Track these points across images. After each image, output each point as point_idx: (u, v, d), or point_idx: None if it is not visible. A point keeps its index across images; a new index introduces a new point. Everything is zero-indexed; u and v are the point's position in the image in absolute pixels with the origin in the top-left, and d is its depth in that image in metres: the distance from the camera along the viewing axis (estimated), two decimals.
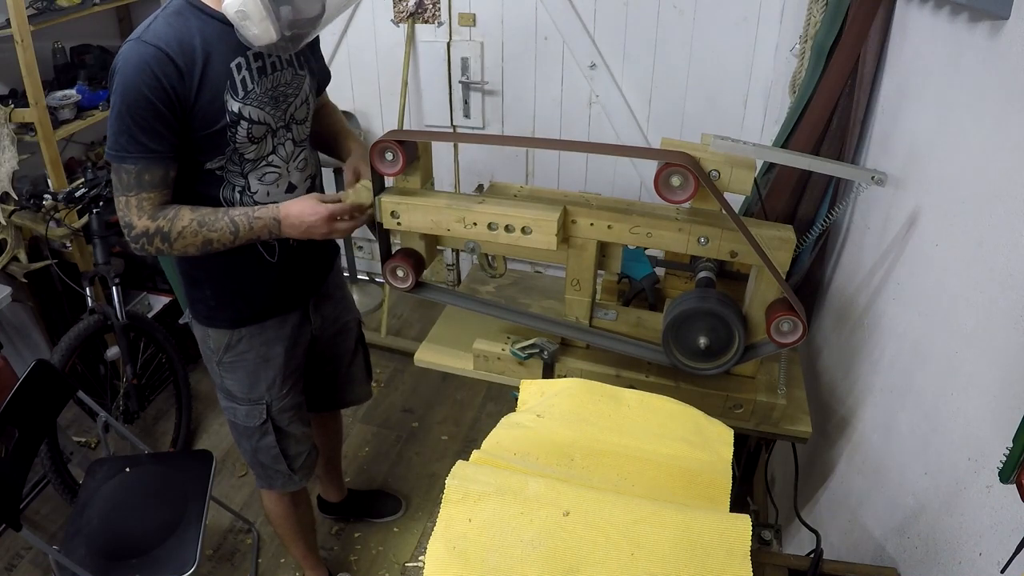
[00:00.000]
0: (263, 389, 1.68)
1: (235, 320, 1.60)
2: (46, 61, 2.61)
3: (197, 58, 1.31)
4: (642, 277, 1.68)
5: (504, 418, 1.14)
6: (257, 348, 1.63)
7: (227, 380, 1.67)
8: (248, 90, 1.38)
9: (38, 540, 1.66)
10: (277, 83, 1.43)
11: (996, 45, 0.99)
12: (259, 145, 1.43)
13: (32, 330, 2.77)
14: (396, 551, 2.31)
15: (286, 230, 1.42)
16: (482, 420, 2.83)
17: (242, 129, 1.38)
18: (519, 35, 2.81)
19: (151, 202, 1.35)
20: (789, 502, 1.56)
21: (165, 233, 1.36)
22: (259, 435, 1.73)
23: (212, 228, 1.38)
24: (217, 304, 1.58)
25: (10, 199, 2.40)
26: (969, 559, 0.92)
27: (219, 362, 1.65)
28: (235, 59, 1.35)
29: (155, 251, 1.39)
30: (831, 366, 1.61)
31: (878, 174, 1.27)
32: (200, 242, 1.39)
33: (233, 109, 1.36)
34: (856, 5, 1.49)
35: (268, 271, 1.56)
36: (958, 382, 1.02)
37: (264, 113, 1.41)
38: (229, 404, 1.71)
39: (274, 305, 1.62)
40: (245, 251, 1.48)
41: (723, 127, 2.62)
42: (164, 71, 1.27)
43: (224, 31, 1.32)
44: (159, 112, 1.28)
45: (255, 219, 1.40)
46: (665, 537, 0.87)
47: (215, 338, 1.62)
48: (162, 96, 1.27)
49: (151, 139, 1.30)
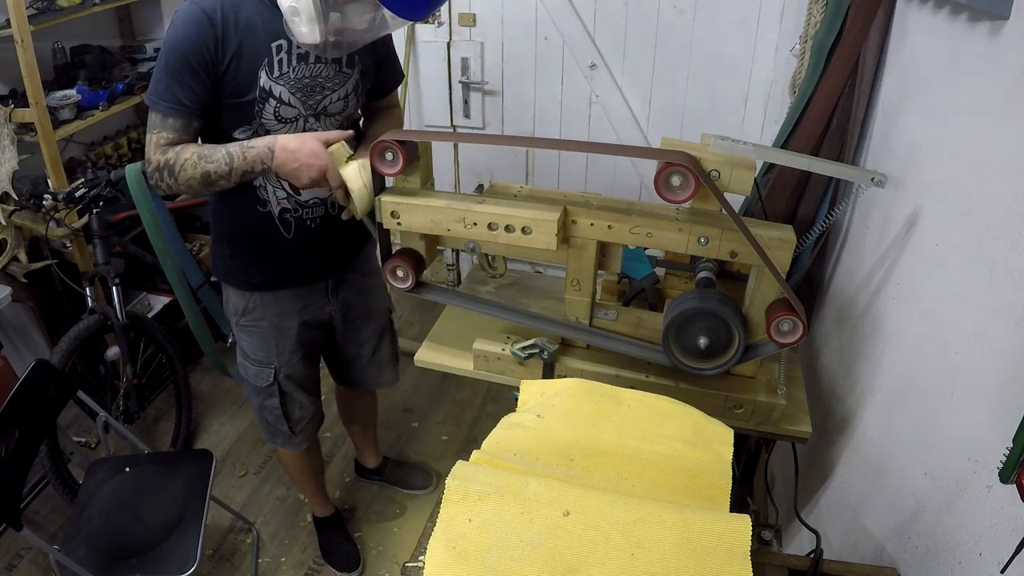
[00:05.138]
0: (273, 355, 1.78)
1: (247, 283, 1.70)
2: (46, 61, 2.61)
3: (239, 30, 1.39)
4: (642, 277, 1.68)
5: (504, 418, 1.14)
6: (270, 318, 1.74)
7: (242, 340, 1.80)
8: (283, 72, 1.44)
9: (38, 540, 1.66)
10: (316, 74, 1.48)
11: (996, 45, 0.99)
12: (288, 127, 1.50)
13: (32, 330, 2.77)
14: (396, 551, 2.31)
15: (279, 158, 1.41)
16: (482, 420, 2.83)
17: (269, 107, 1.46)
18: (519, 35, 2.81)
19: (168, 141, 1.43)
20: (789, 502, 1.56)
21: (171, 166, 1.42)
22: (266, 395, 1.84)
23: (209, 160, 1.42)
24: (233, 264, 1.69)
25: (10, 199, 2.40)
26: (969, 559, 0.92)
27: (237, 323, 1.77)
28: (278, 40, 1.42)
29: (165, 187, 1.46)
30: (831, 366, 1.61)
31: (878, 175, 1.27)
32: (200, 175, 1.42)
33: (264, 85, 1.43)
34: (856, 5, 1.49)
35: (282, 243, 1.64)
36: (958, 382, 1.02)
37: (294, 97, 1.47)
38: (243, 361, 1.83)
39: (287, 278, 1.71)
40: (261, 219, 1.59)
41: (723, 127, 2.61)
42: (203, 34, 1.36)
43: (275, 13, 1.38)
44: (193, 69, 1.38)
45: (248, 148, 1.42)
46: (665, 537, 0.87)
47: (234, 300, 1.74)
48: (197, 56, 1.37)
49: (182, 92, 1.39)
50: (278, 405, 1.85)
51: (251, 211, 1.61)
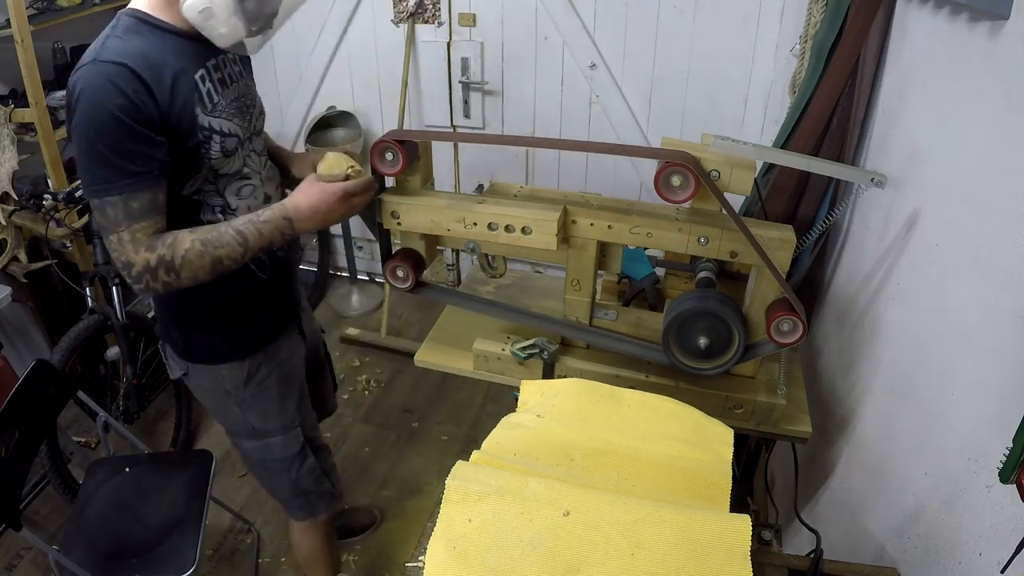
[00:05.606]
0: (293, 410, 1.58)
1: (242, 348, 1.49)
2: (46, 61, 2.61)
3: (164, 72, 1.20)
4: (642, 277, 1.68)
5: (504, 418, 1.14)
6: (276, 370, 1.54)
7: (252, 416, 1.54)
8: (215, 103, 1.29)
9: (38, 540, 1.66)
10: (239, 93, 1.36)
11: (996, 45, 0.99)
12: (232, 158, 1.34)
13: (32, 330, 2.77)
14: (396, 551, 2.31)
15: (300, 225, 1.30)
16: (482, 420, 2.83)
17: (215, 144, 1.29)
18: (519, 35, 2.81)
19: (145, 232, 1.20)
20: (789, 502, 1.56)
21: (168, 262, 1.22)
22: (299, 461, 1.62)
23: (218, 245, 1.24)
24: (223, 337, 1.47)
25: (10, 199, 2.40)
26: (969, 559, 0.92)
27: (240, 401, 1.52)
28: (198, 71, 1.26)
29: (163, 286, 1.23)
30: (831, 366, 1.61)
31: (878, 176, 1.27)
32: (209, 263, 1.25)
33: (204, 124, 1.26)
34: (856, 5, 1.49)
35: (262, 285, 1.46)
36: (958, 382, 1.02)
37: (233, 125, 1.32)
38: (259, 443, 1.58)
39: (280, 320, 1.55)
40: (235, 274, 1.34)
41: (723, 127, 2.62)
42: (131, 87, 1.15)
43: (182, 44, 1.24)
44: (133, 131, 1.15)
45: (262, 223, 1.28)
46: (665, 537, 0.87)
47: (230, 375, 1.49)
48: (133, 113, 1.15)
49: (130, 161, 1.16)
50: (315, 463, 1.65)
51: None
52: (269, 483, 1.70)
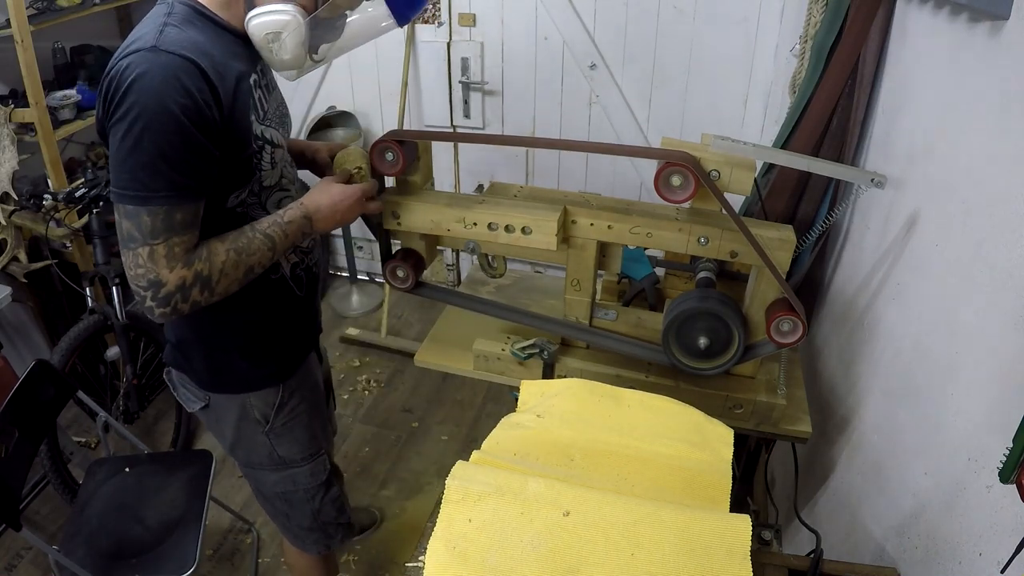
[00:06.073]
0: (320, 436, 1.50)
1: (281, 372, 1.39)
2: (46, 61, 2.61)
3: (228, 73, 1.10)
4: (642, 277, 1.68)
5: (504, 418, 1.14)
6: (307, 395, 1.45)
7: (281, 446, 1.43)
8: (266, 110, 1.22)
9: (38, 540, 1.66)
10: (279, 102, 1.32)
11: (996, 45, 0.99)
12: (275, 170, 1.26)
13: (32, 330, 2.77)
14: (396, 551, 2.31)
15: (319, 225, 1.24)
16: (482, 420, 2.83)
17: (267, 154, 1.21)
18: (519, 35, 2.81)
19: (184, 246, 1.08)
20: (789, 502, 1.56)
21: (205, 277, 1.11)
22: (323, 491, 1.54)
23: (250, 252, 1.16)
24: (255, 362, 1.35)
25: (10, 199, 2.40)
26: (969, 559, 0.92)
27: (269, 430, 1.40)
28: (251, 76, 1.18)
29: (190, 307, 1.11)
30: (831, 366, 1.61)
31: (878, 176, 1.27)
32: (242, 274, 1.16)
33: (258, 133, 1.18)
34: (856, 5, 1.49)
35: (297, 304, 1.37)
36: (958, 382, 1.02)
37: (278, 134, 1.25)
38: (284, 474, 1.47)
39: (310, 340, 1.48)
40: (274, 290, 1.29)
41: (723, 127, 2.62)
42: (196, 86, 1.03)
43: (236, 45, 1.16)
44: (191, 139, 1.04)
45: (287, 224, 1.20)
46: (665, 537, 0.87)
47: (260, 404, 1.37)
48: (195, 117, 1.04)
49: (179, 172, 1.04)
50: (339, 492, 1.57)
51: (263, 288, 1.29)
52: (286, 516, 1.58)
